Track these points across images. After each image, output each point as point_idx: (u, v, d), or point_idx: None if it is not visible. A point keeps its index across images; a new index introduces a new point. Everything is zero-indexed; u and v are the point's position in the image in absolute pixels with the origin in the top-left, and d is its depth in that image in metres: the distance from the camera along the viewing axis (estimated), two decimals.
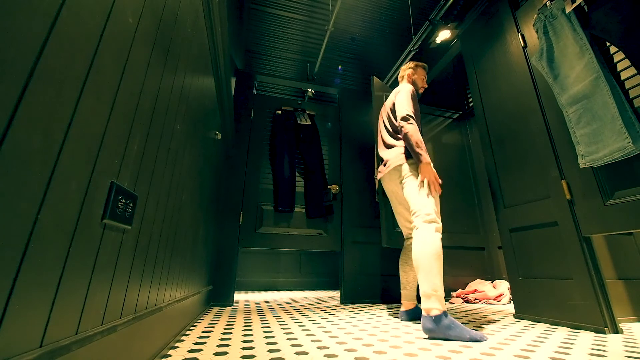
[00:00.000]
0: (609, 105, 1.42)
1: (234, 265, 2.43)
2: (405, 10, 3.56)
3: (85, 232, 0.52)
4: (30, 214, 0.38)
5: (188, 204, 1.32)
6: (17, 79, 0.35)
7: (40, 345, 0.42)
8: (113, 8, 0.54)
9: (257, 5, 3.45)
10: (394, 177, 1.74)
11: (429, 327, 1.30)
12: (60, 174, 0.43)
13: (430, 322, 1.30)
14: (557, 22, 1.71)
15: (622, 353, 1.07)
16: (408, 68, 1.97)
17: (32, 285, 0.40)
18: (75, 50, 0.44)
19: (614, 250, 1.91)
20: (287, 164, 2.88)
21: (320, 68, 4.12)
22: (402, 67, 2.01)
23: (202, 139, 1.54)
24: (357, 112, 3.31)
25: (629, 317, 1.75)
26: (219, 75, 1.79)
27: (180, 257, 1.24)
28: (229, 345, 1.11)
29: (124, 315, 0.71)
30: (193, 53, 1.20)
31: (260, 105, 3.09)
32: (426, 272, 1.41)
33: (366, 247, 2.82)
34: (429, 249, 1.44)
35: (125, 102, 0.62)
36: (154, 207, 0.86)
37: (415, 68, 1.95)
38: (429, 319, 1.31)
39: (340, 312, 2.03)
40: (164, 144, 0.90)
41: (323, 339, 1.24)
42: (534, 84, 1.90)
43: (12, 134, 0.35)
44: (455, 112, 3.92)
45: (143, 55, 0.70)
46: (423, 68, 1.96)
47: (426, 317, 1.32)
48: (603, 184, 1.50)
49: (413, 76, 1.94)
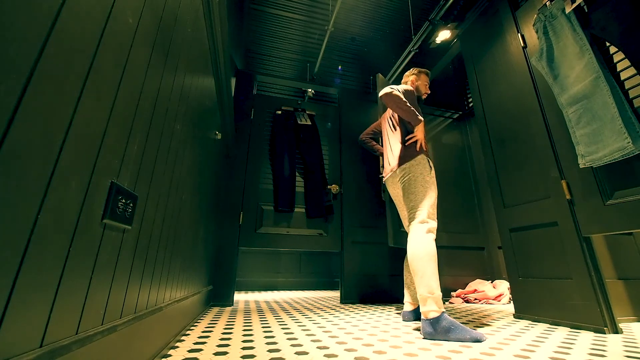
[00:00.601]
0: (608, 105, 1.42)
1: (234, 265, 2.43)
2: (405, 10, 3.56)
3: (85, 232, 0.52)
4: (30, 214, 0.38)
5: (188, 204, 1.32)
6: (18, 79, 0.35)
7: (40, 345, 0.42)
8: (113, 8, 0.54)
9: (257, 5, 3.45)
10: (395, 179, 1.77)
11: (428, 331, 1.29)
12: (61, 174, 0.43)
13: (429, 325, 1.30)
14: (557, 22, 1.71)
15: (622, 353, 1.07)
16: (412, 74, 2.00)
17: (32, 285, 0.40)
18: (75, 50, 0.44)
19: (614, 250, 1.91)
20: (287, 164, 2.88)
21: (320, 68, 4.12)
22: (406, 73, 2.03)
23: (202, 139, 1.54)
24: (357, 112, 3.31)
25: (629, 317, 1.75)
26: (219, 75, 1.79)
27: (180, 257, 1.24)
28: (229, 345, 1.11)
29: (124, 315, 0.71)
30: (193, 53, 1.20)
31: (260, 105, 3.09)
32: (421, 275, 1.41)
33: (366, 247, 2.83)
34: (421, 251, 1.43)
35: (125, 102, 0.62)
36: (154, 207, 0.86)
37: (418, 74, 1.98)
38: (427, 323, 1.31)
39: (340, 312, 2.03)
40: (164, 144, 0.90)
41: (323, 338, 1.24)
42: (534, 84, 1.90)
43: (12, 134, 0.35)
44: (455, 112, 3.92)
45: (143, 55, 0.70)
46: (426, 74, 2.00)
47: (425, 321, 1.32)
48: (603, 184, 1.50)
49: (417, 82, 1.96)
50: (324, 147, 3.14)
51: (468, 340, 1.22)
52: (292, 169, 2.88)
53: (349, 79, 4.34)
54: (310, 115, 3.23)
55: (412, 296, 1.80)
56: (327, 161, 3.10)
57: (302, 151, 3.00)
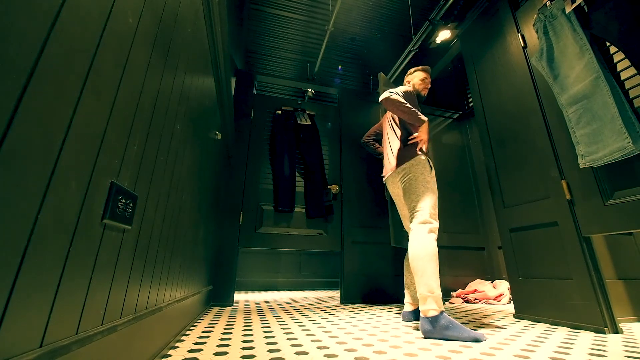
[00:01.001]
0: (608, 105, 1.42)
1: (234, 265, 2.43)
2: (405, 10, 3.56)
3: (85, 232, 0.52)
4: (30, 214, 0.38)
5: (188, 204, 1.32)
6: (18, 79, 0.35)
7: (40, 345, 0.42)
8: (113, 8, 0.54)
9: (257, 5, 3.45)
10: (395, 179, 1.76)
11: (427, 329, 1.30)
12: (61, 174, 0.43)
13: (427, 323, 1.31)
14: (557, 22, 1.71)
15: (622, 353, 1.07)
16: (408, 74, 2.04)
17: (32, 285, 0.40)
18: (75, 50, 0.44)
19: (614, 250, 1.91)
20: (287, 164, 2.88)
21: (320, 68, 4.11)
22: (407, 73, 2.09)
23: (202, 139, 1.54)
24: (357, 112, 3.31)
25: (629, 317, 1.75)
26: (219, 75, 1.79)
27: (180, 257, 1.24)
28: (229, 345, 1.11)
29: (124, 315, 0.71)
30: (193, 53, 1.20)
31: (260, 105, 3.09)
32: (421, 274, 1.42)
33: (366, 247, 2.82)
34: (421, 251, 1.44)
35: (125, 102, 0.62)
36: (154, 207, 0.86)
37: (413, 73, 2.00)
38: (426, 321, 1.32)
39: (340, 312, 2.03)
40: (164, 144, 0.90)
41: (323, 338, 1.24)
42: (534, 84, 1.90)
43: (12, 134, 0.35)
44: (455, 112, 3.92)
45: (143, 55, 0.70)
46: (422, 70, 2.00)
47: (424, 319, 1.33)
48: (603, 184, 1.50)
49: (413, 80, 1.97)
50: (324, 147, 3.14)
51: (467, 340, 1.22)
52: (292, 169, 2.88)
53: (349, 79, 4.34)
54: (310, 115, 3.23)
55: (412, 296, 1.80)
56: (327, 161, 3.10)
57: (302, 151, 3.00)
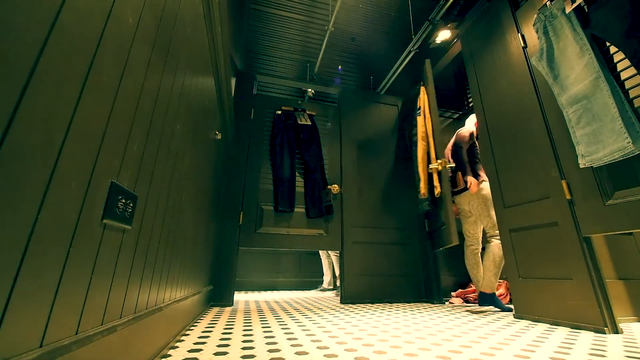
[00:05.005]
0: (609, 106, 1.42)
1: (234, 265, 2.43)
2: (405, 10, 3.56)
3: (85, 232, 0.52)
4: (30, 214, 0.38)
5: (188, 204, 1.32)
6: (18, 79, 0.35)
7: (40, 345, 0.42)
8: (113, 8, 0.54)
9: (257, 5, 3.45)
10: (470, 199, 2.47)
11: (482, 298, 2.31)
12: (60, 174, 0.43)
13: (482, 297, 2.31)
14: (557, 22, 1.71)
15: (622, 353, 1.07)
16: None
17: (32, 285, 0.40)
18: (75, 50, 0.44)
19: (614, 250, 1.91)
20: (287, 164, 2.88)
21: (320, 68, 4.11)
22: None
23: (202, 139, 1.54)
24: (357, 112, 3.31)
25: (629, 317, 1.75)
26: (219, 75, 1.79)
27: (180, 257, 1.24)
28: (229, 345, 1.11)
29: (123, 315, 0.71)
30: (193, 53, 1.20)
31: (260, 105, 3.08)
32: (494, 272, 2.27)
33: (366, 247, 2.82)
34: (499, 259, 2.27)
35: (125, 102, 0.62)
36: (154, 207, 0.86)
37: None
38: (482, 295, 2.32)
39: (340, 312, 2.03)
40: (164, 144, 0.90)
41: (323, 339, 1.24)
42: (534, 84, 1.90)
43: (12, 134, 0.35)
44: (455, 112, 3.92)
45: (143, 55, 0.70)
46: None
47: (481, 293, 2.33)
48: (603, 184, 1.50)
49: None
50: (324, 147, 3.14)
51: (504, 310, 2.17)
52: (292, 169, 2.88)
53: (349, 79, 4.33)
54: (310, 115, 3.23)
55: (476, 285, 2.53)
56: (327, 161, 3.10)
57: (302, 151, 3.00)
